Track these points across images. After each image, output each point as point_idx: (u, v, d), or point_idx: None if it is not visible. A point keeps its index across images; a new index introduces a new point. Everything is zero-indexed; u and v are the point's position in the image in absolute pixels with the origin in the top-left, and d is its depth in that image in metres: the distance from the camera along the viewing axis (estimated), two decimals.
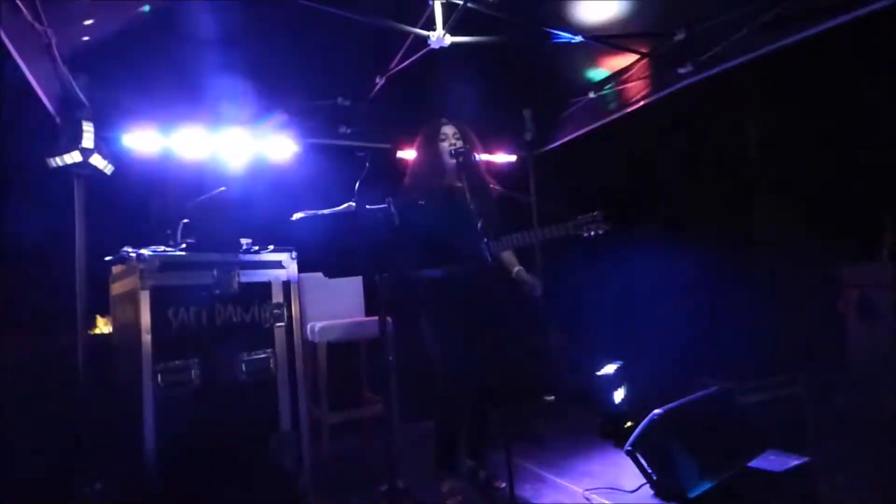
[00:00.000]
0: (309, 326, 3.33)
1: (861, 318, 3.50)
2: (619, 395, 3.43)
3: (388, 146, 3.90)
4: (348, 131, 3.93)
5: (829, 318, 3.60)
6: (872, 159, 3.75)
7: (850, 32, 2.83)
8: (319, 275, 2.54)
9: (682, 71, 3.28)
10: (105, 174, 3.03)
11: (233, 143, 3.56)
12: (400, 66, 3.26)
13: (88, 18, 2.56)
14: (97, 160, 2.95)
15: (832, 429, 2.95)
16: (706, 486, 2.28)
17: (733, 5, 2.93)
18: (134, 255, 2.39)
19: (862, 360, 3.43)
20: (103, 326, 3.23)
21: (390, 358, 2.96)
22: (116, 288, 2.72)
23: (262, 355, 2.61)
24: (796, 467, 2.32)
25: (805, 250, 3.78)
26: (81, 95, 2.91)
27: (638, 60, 3.58)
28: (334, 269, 2.56)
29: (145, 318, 2.34)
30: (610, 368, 3.50)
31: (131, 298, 2.44)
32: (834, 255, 3.69)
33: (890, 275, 3.43)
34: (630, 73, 3.68)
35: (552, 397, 3.97)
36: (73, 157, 2.88)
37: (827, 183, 3.86)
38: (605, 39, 3.25)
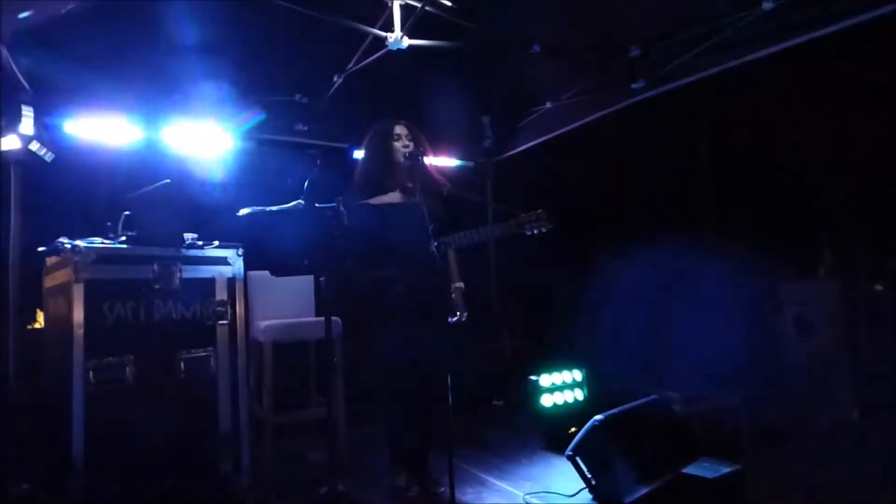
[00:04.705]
0: (255, 325, 3.26)
1: (798, 334, 3.64)
2: None
3: (344, 146, 3.87)
4: (305, 129, 3.89)
5: (769, 333, 3.73)
6: (815, 181, 3.92)
7: (795, 58, 2.96)
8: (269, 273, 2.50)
9: (634, 86, 3.37)
10: (45, 162, 2.91)
11: (184, 135, 3.47)
12: (358, 66, 3.25)
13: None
14: (36, 147, 2.83)
15: (766, 439, 3.06)
16: (642, 491, 2.33)
17: (687, 26, 3.04)
18: (69, 246, 2.30)
19: (798, 375, 3.57)
20: (43, 321, 3.09)
21: (335, 359, 2.93)
22: (49, 280, 2.61)
23: (203, 354, 2.54)
24: (728, 474, 2.40)
25: (749, 267, 3.91)
26: (21, 78, 2.79)
27: (594, 73, 3.66)
28: (281, 268, 2.52)
29: (78, 312, 2.25)
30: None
31: (64, 291, 2.34)
32: (776, 272, 3.83)
33: (827, 293, 3.58)
34: (586, 85, 3.75)
35: (501, 402, 3.99)
36: (11, 143, 2.75)
37: (772, 202, 4.02)
38: (562, 51, 3.32)
